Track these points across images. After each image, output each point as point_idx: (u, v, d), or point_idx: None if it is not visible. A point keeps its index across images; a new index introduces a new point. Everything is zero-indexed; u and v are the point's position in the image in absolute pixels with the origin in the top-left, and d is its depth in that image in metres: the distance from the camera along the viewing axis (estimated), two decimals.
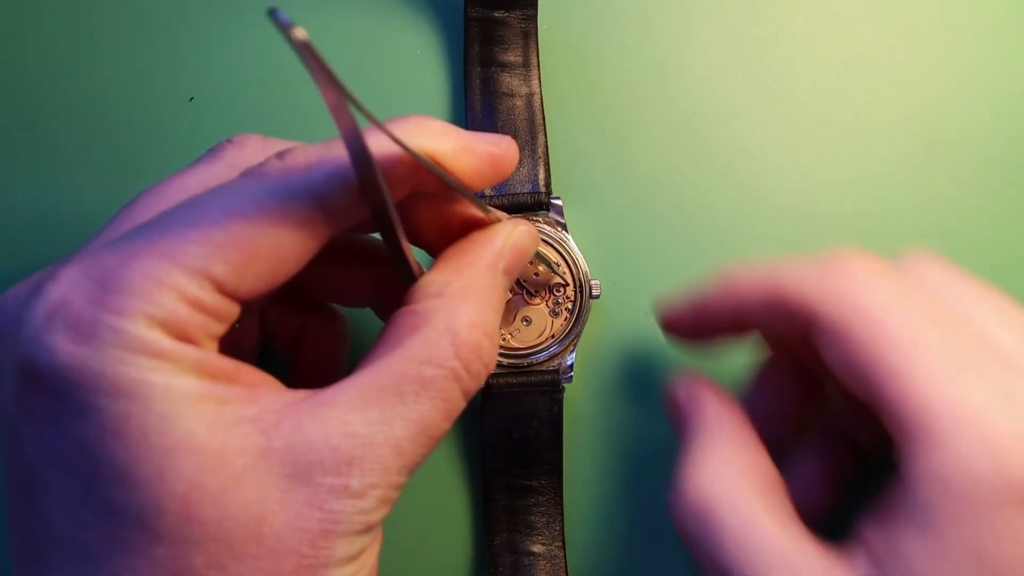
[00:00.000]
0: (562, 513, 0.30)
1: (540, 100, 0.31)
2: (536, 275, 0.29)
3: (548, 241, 0.30)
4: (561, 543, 0.29)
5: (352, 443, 0.19)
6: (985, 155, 0.32)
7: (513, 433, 0.29)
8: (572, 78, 0.32)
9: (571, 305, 0.30)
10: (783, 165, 0.32)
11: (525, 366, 0.29)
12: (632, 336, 0.31)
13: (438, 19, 0.33)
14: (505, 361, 0.29)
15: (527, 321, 0.29)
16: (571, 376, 0.29)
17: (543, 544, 0.29)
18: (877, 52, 0.33)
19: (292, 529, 0.18)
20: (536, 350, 0.29)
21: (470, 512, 0.30)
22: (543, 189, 0.30)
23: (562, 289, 0.30)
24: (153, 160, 0.32)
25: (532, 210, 0.30)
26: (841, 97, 0.32)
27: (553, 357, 0.29)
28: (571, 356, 0.29)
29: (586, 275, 0.29)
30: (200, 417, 0.18)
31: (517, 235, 0.23)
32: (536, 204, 0.30)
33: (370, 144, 0.18)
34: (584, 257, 0.30)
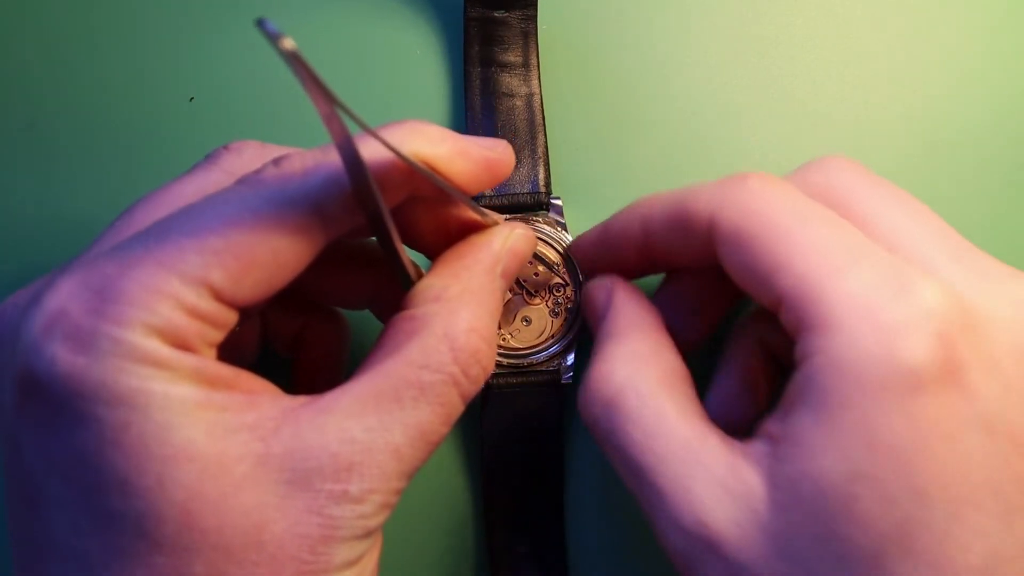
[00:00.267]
0: (563, 513, 0.30)
1: (540, 100, 0.31)
2: (536, 275, 0.29)
3: (548, 241, 0.30)
4: (562, 543, 0.29)
5: (351, 449, 0.19)
6: (985, 155, 0.32)
7: (513, 433, 0.29)
8: (572, 78, 0.32)
9: (571, 305, 0.29)
10: (783, 165, 0.31)
11: (525, 366, 0.29)
12: None
13: (438, 19, 0.33)
14: (505, 361, 0.29)
15: (527, 321, 0.29)
16: (571, 376, 0.29)
17: (543, 544, 0.29)
18: (877, 52, 0.32)
19: (292, 535, 0.18)
20: (536, 350, 0.29)
21: (470, 512, 0.30)
22: (543, 189, 0.30)
23: (562, 289, 0.30)
24: (153, 160, 0.32)
25: (532, 210, 0.30)
26: (841, 97, 0.32)
27: (553, 357, 0.29)
28: (571, 356, 0.29)
29: (585, 275, 0.29)
30: (199, 425, 0.18)
31: (514, 238, 0.24)
32: (536, 204, 0.30)
33: (363, 151, 0.18)
34: None
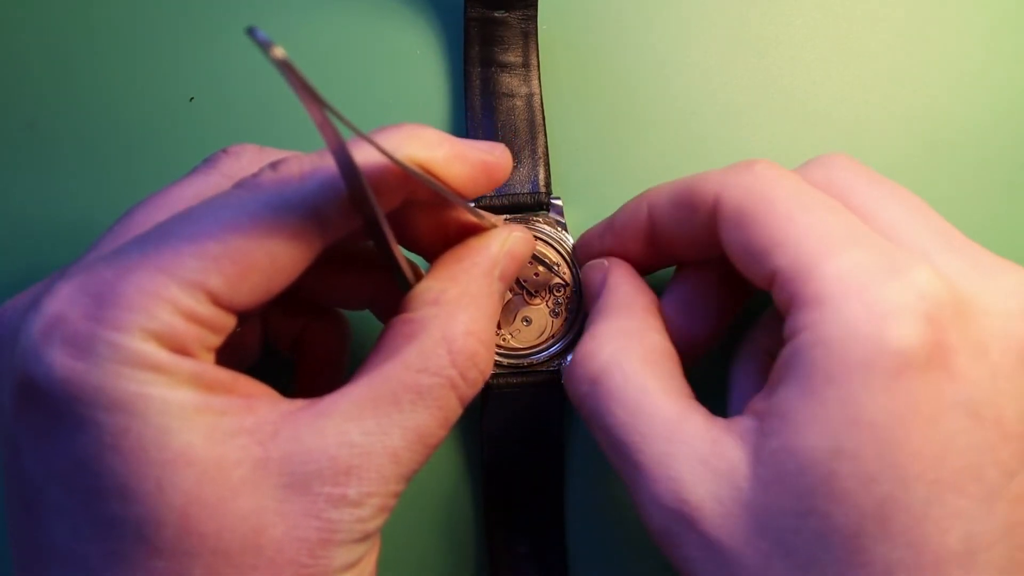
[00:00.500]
0: (563, 513, 0.30)
1: (540, 100, 0.31)
2: (536, 275, 0.29)
3: (548, 241, 0.30)
4: (562, 543, 0.29)
5: (350, 452, 0.19)
6: (985, 155, 0.32)
7: (513, 433, 0.29)
8: (572, 78, 0.32)
9: (571, 305, 0.30)
10: (783, 165, 0.31)
11: (525, 366, 0.29)
12: None
13: (438, 19, 0.33)
14: (505, 361, 0.29)
15: (527, 321, 0.29)
16: None
17: (544, 544, 0.29)
18: (877, 52, 0.32)
19: (290, 539, 0.18)
20: (536, 350, 0.29)
21: (470, 512, 0.30)
22: (543, 189, 0.30)
23: (562, 289, 0.30)
24: (153, 160, 0.32)
25: (532, 210, 0.30)
26: (841, 97, 0.32)
27: (553, 357, 0.29)
28: (571, 356, 0.29)
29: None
30: (198, 429, 0.18)
31: (512, 241, 0.23)
32: (536, 204, 0.30)
33: (358, 157, 0.18)
34: None
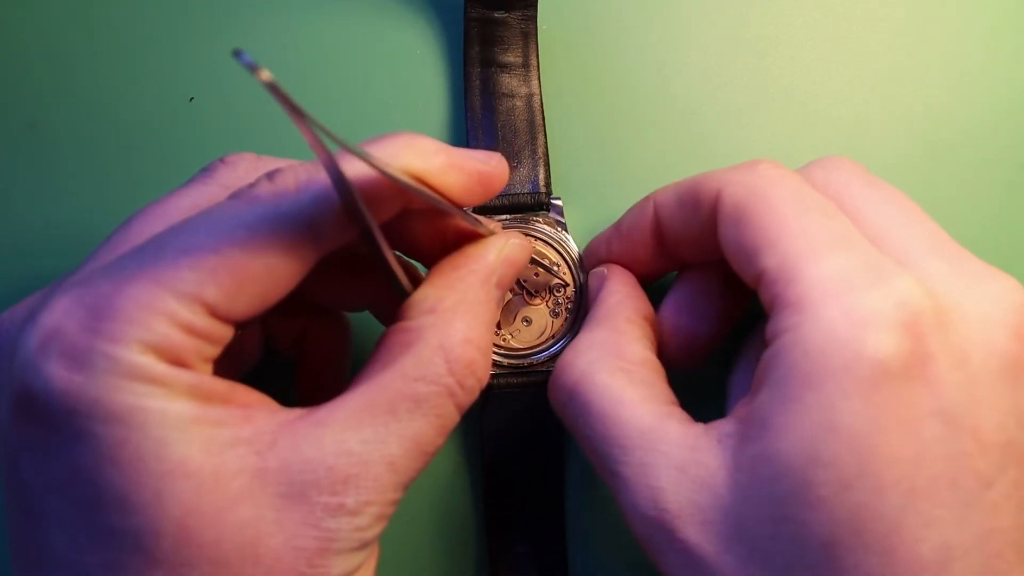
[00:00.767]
0: (563, 513, 0.30)
1: (540, 100, 0.31)
2: (536, 275, 0.29)
3: (548, 241, 0.30)
4: (562, 543, 0.30)
5: (347, 461, 0.19)
6: (986, 155, 0.31)
7: (513, 433, 0.29)
8: (572, 78, 0.32)
9: (571, 305, 0.29)
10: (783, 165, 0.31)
11: (526, 366, 0.29)
12: None
13: (438, 19, 0.33)
14: (505, 362, 0.29)
15: (527, 321, 0.29)
16: None
17: (544, 545, 0.29)
18: (877, 52, 0.32)
19: (289, 548, 0.18)
20: (537, 350, 0.29)
21: (471, 512, 0.30)
22: (543, 189, 0.30)
23: (562, 289, 0.30)
24: (153, 160, 0.32)
25: (532, 210, 0.30)
26: (841, 97, 0.32)
27: (553, 357, 0.29)
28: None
29: (585, 276, 0.29)
30: (195, 441, 0.18)
31: (510, 248, 0.23)
32: (536, 204, 0.30)
33: (351, 170, 0.18)
34: None
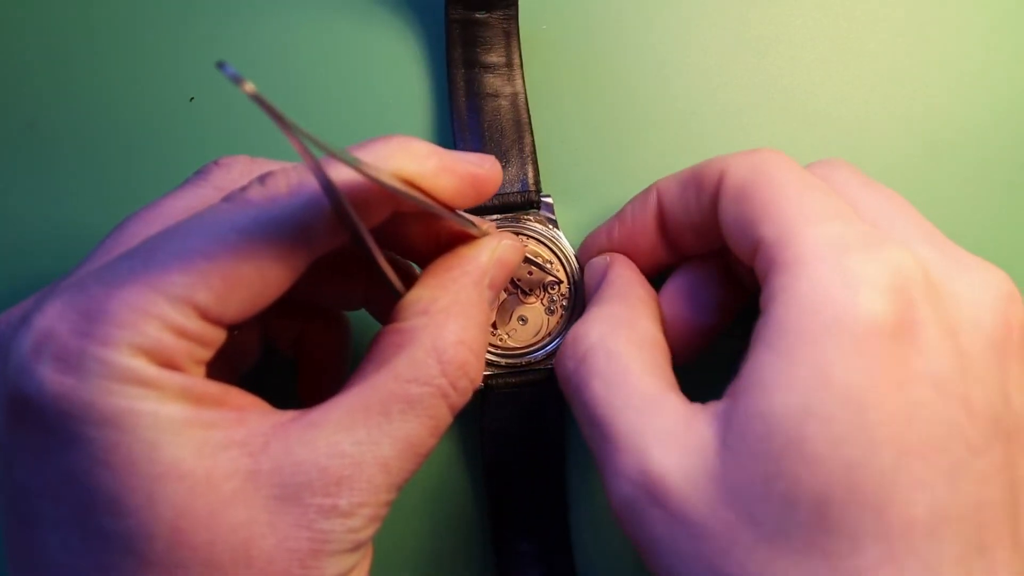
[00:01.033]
0: (565, 512, 0.30)
1: (525, 99, 0.31)
2: (530, 274, 0.29)
3: (540, 239, 0.30)
4: (564, 542, 0.29)
5: (340, 463, 0.19)
6: (986, 155, 0.31)
7: (513, 432, 0.29)
8: (563, 75, 0.32)
9: (566, 302, 0.29)
10: None
11: (523, 365, 0.29)
12: None
13: (419, 22, 0.33)
14: (503, 361, 0.29)
15: (523, 320, 0.29)
16: None
17: (546, 544, 0.29)
18: (877, 52, 0.32)
19: (281, 550, 0.18)
20: (533, 349, 0.29)
21: (471, 512, 0.30)
22: (532, 188, 0.30)
23: (556, 287, 0.30)
24: (153, 160, 0.32)
25: (522, 209, 0.30)
26: (841, 97, 0.32)
27: (550, 355, 0.29)
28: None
29: (579, 271, 0.29)
30: (188, 443, 0.18)
31: (502, 249, 0.24)
32: (526, 203, 0.30)
33: (340, 176, 0.18)
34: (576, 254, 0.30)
